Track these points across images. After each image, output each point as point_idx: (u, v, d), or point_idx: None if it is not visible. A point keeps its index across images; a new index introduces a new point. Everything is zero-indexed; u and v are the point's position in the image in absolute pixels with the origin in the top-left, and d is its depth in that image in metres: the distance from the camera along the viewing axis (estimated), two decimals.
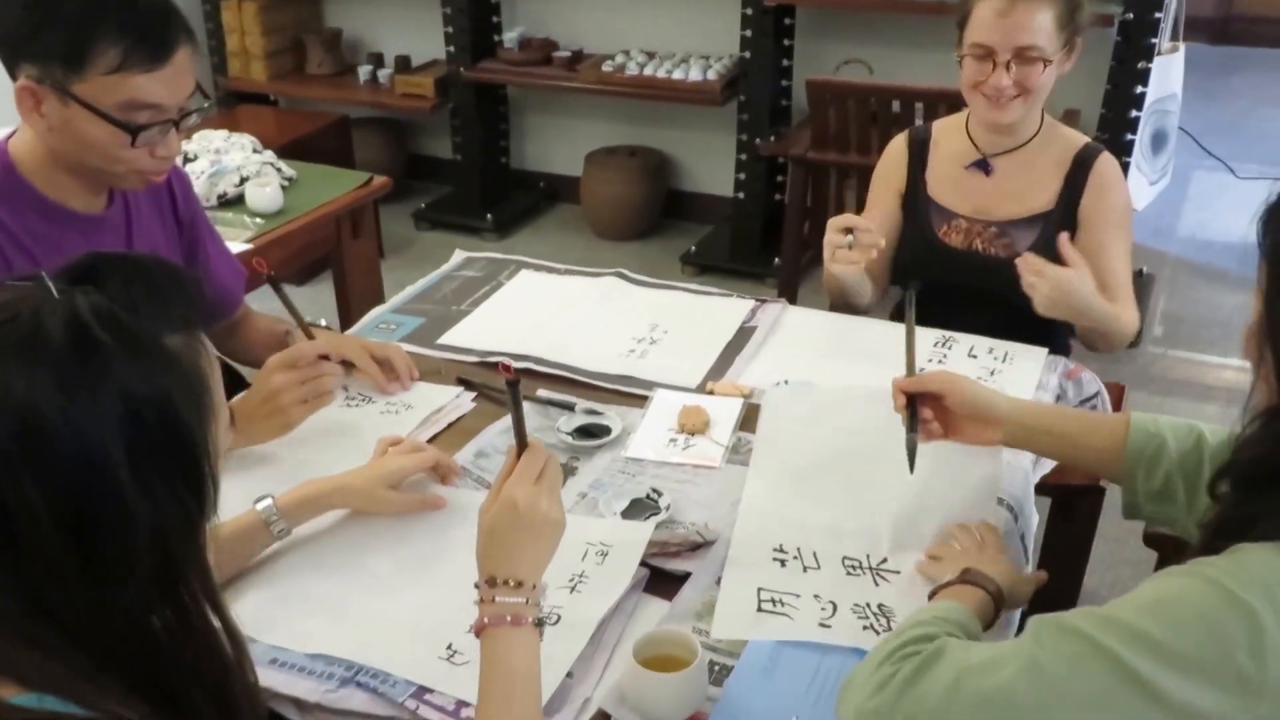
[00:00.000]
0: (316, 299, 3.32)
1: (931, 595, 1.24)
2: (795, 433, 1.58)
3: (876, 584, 1.33)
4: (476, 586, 1.08)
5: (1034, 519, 1.55)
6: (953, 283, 1.96)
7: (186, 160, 2.84)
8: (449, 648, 1.21)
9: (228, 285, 1.89)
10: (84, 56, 1.37)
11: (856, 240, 1.78)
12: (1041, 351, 1.81)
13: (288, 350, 1.55)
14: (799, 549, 1.39)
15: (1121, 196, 1.98)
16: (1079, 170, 1.95)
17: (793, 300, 1.93)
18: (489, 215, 4.44)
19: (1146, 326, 3.62)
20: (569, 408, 1.66)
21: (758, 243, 4.00)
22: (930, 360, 1.80)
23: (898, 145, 2.10)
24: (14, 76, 1.42)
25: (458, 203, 4.58)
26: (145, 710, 0.82)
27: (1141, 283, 3.76)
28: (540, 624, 1.07)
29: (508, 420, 1.63)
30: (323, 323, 1.91)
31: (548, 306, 2.00)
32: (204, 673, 0.86)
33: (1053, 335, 1.89)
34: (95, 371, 0.77)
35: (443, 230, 4.55)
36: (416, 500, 1.40)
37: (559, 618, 1.25)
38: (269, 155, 2.88)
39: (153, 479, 0.79)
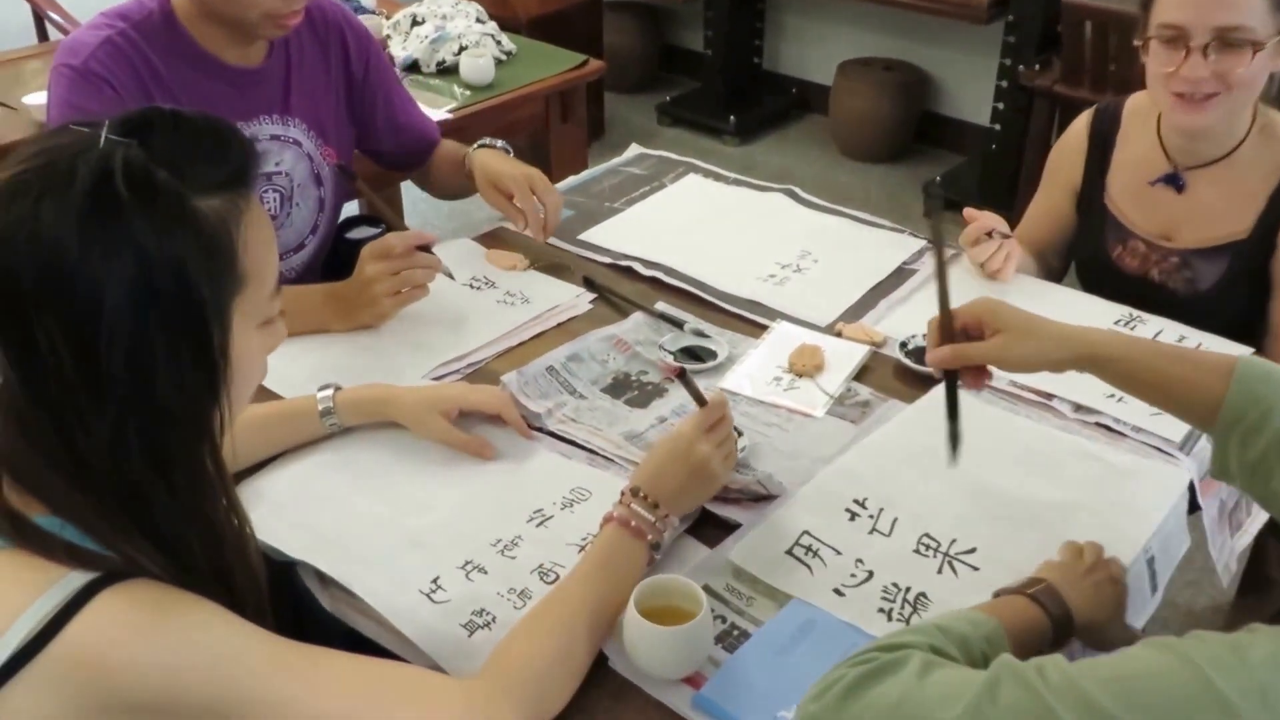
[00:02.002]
0: None
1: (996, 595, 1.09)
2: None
3: (940, 570, 1.17)
4: (622, 493, 1.15)
5: (1180, 544, 1.32)
6: (1124, 299, 1.68)
7: (415, 24, 2.87)
8: (434, 582, 1.15)
9: (425, 130, 1.90)
10: None
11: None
12: (1242, 351, 1.53)
13: (381, 239, 1.52)
14: (881, 510, 1.25)
15: None
16: None
17: None
18: (732, 118, 4.30)
19: None
20: (678, 325, 1.56)
21: (1009, 181, 3.66)
22: None
23: (1077, 133, 1.77)
24: None
25: (703, 100, 4.46)
26: (157, 558, 0.86)
27: None
28: (656, 548, 1.12)
29: (612, 329, 1.56)
30: (499, 144, 1.83)
31: (701, 215, 1.88)
32: (205, 543, 0.90)
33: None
34: (111, 223, 0.79)
35: (683, 127, 4.46)
36: (461, 438, 1.31)
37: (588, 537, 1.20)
38: (491, 26, 2.87)
39: (157, 339, 0.81)
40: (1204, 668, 0.69)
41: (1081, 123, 1.78)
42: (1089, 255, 1.76)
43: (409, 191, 3.77)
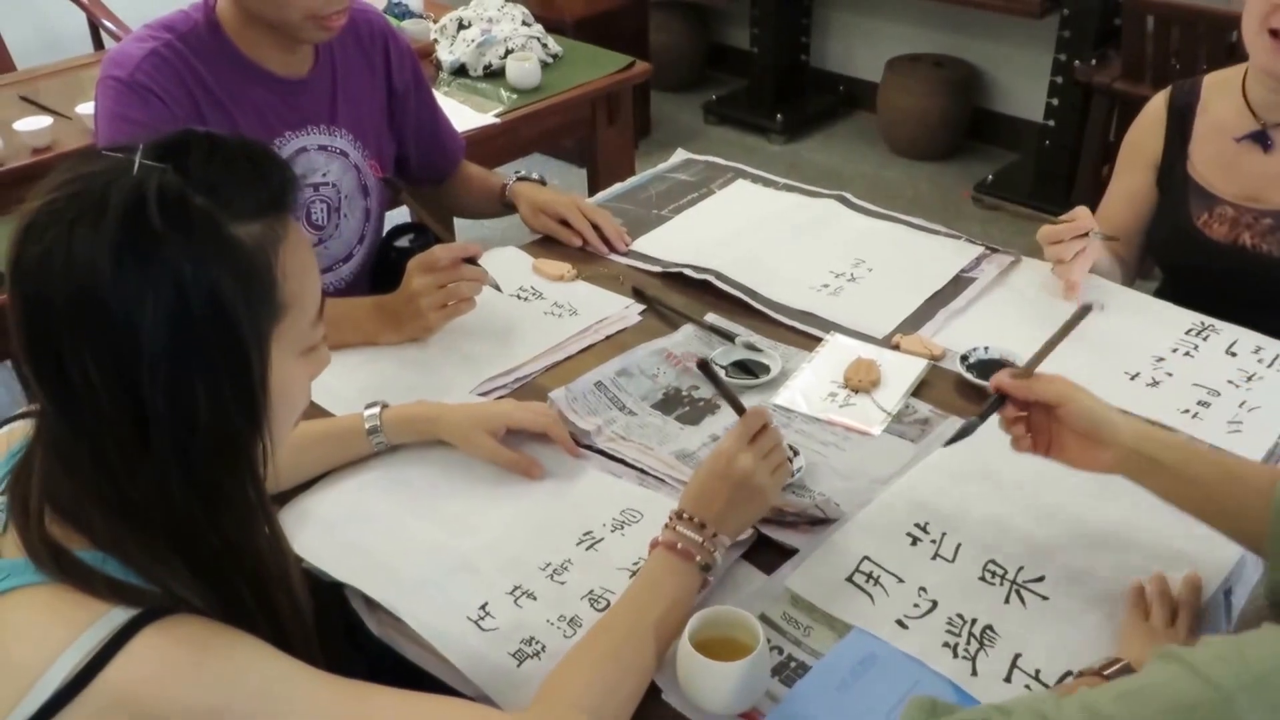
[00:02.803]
0: (576, 186, 3.31)
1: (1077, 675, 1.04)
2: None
3: (1008, 600, 1.13)
4: (669, 516, 1.11)
5: (1256, 570, 1.26)
6: (1211, 276, 1.62)
7: (461, 27, 2.85)
8: (483, 608, 1.12)
9: (452, 147, 1.90)
10: None
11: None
12: None
13: (428, 252, 1.50)
14: (943, 535, 1.21)
15: None
16: None
17: None
18: (779, 116, 4.25)
19: None
20: (729, 338, 1.52)
21: (1063, 181, 3.57)
22: (1178, 350, 1.50)
23: (1155, 107, 1.72)
24: None
25: (750, 99, 4.41)
26: (201, 591, 0.84)
27: None
28: (707, 569, 1.08)
29: (662, 343, 1.52)
30: (535, 175, 1.89)
31: (751, 223, 1.83)
32: (248, 573, 0.88)
33: None
34: (145, 252, 0.77)
35: (730, 126, 4.41)
36: (509, 457, 1.29)
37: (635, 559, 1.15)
38: (537, 29, 2.84)
39: (195, 371, 0.79)
40: (1204, 669, 0.70)
41: (1159, 99, 1.73)
42: (1172, 228, 1.70)
43: None
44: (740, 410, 1.15)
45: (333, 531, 1.22)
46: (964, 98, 4.00)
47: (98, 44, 3.38)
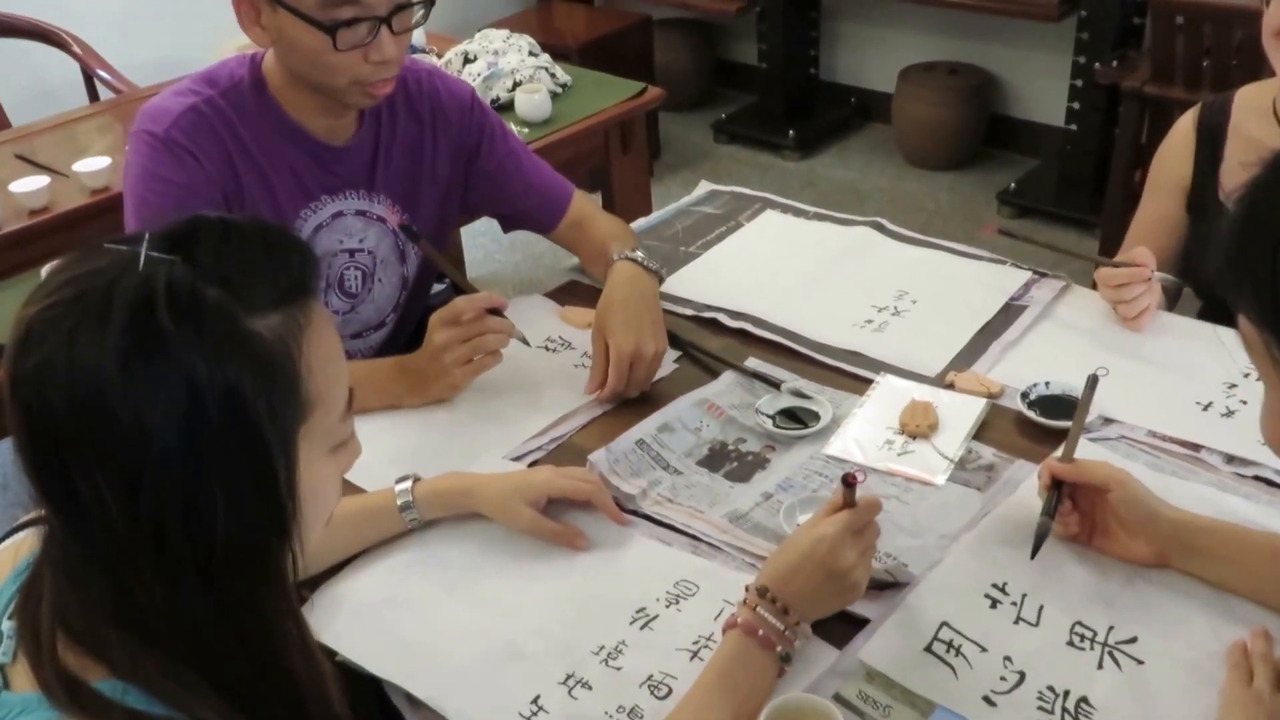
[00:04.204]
0: None
1: None
2: None
3: (1101, 665, 1.04)
4: (747, 588, 1.05)
5: None
6: None
7: (467, 61, 2.79)
8: (534, 702, 1.04)
9: (551, 193, 1.70)
10: None
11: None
12: None
13: (449, 305, 1.41)
14: (1024, 595, 1.12)
15: None
16: None
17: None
18: (791, 131, 4.17)
19: None
20: (774, 385, 1.43)
21: (1089, 186, 3.48)
22: (1250, 375, 1.41)
23: (1183, 130, 1.63)
24: None
25: (760, 115, 4.33)
26: (231, 717, 0.77)
27: None
28: (786, 660, 1.02)
29: (703, 392, 1.44)
30: (641, 258, 1.58)
31: (784, 256, 1.75)
32: (280, 692, 0.81)
33: None
34: (155, 357, 0.70)
35: (741, 144, 4.33)
36: (552, 528, 1.21)
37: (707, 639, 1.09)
38: (544, 59, 2.77)
39: (214, 482, 0.72)
40: None
41: (1187, 120, 1.64)
42: (1204, 253, 1.61)
43: (476, 238, 3.69)
44: (850, 505, 1.07)
45: (367, 619, 1.15)
46: (980, 105, 3.92)
47: (92, 95, 3.31)
